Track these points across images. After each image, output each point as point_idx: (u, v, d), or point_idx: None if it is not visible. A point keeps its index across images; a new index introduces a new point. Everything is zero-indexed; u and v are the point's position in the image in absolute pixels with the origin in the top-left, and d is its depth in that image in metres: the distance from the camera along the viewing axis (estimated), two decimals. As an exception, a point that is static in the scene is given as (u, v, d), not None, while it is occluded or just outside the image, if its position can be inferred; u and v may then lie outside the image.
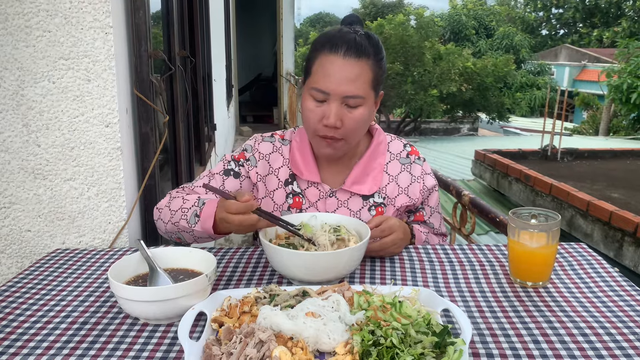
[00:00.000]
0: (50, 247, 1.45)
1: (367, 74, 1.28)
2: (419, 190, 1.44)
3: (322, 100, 1.28)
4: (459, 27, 22.83)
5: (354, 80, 1.26)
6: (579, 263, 1.30)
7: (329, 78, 1.26)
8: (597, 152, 7.47)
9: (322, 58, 1.29)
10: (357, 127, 1.31)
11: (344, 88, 1.26)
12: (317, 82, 1.28)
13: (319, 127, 1.30)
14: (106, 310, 1.09)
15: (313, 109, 1.30)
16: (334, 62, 1.27)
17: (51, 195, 1.41)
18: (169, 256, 1.18)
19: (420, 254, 1.35)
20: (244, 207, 1.14)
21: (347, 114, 1.28)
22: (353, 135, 1.33)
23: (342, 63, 1.26)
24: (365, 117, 1.31)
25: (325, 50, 1.29)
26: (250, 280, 1.22)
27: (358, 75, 1.27)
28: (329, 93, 1.27)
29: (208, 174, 1.44)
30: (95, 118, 1.38)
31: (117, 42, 1.40)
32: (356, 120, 1.29)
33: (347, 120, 1.28)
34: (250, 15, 11.40)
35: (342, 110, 1.28)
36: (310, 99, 1.30)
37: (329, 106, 1.27)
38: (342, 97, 1.27)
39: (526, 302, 1.11)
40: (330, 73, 1.26)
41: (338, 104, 1.27)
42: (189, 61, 2.84)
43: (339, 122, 1.27)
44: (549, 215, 1.21)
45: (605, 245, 4.32)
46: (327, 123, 1.27)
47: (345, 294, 1.05)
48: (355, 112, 1.29)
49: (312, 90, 1.29)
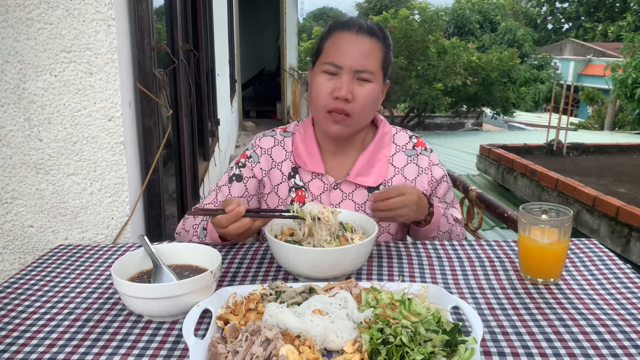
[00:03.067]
0: (53, 243, 1.44)
1: (378, 52, 1.31)
2: (427, 182, 1.42)
3: (334, 74, 1.30)
4: (463, 22, 22.70)
5: (366, 55, 1.29)
6: (590, 259, 1.28)
7: (342, 51, 1.29)
8: (603, 147, 7.42)
9: (334, 36, 1.33)
10: (367, 104, 1.31)
11: (357, 62, 1.28)
12: (330, 56, 1.31)
13: (329, 101, 1.30)
14: (110, 307, 1.07)
15: (324, 83, 1.31)
16: (347, 38, 1.31)
17: (53, 191, 1.40)
18: (173, 252, 1.16)
19: (428, 250, 1.33)
20: (231, 217, 1.15)
21: (358, 88, 1.30)
22: (361, 113, 1.32)
23: (355, 39, 1.30)
24: (375, 95, 1.32)
25: (337, 29, 1.33)
26: (256, 277, 1.20)
27: (370, 51, 1.30)
28: (342, 66, 1.29)
29: (215, 187, 1.45)
30: (97, 112, 1.36)
31: (120, 34, 1.38)
32: (367, 96, 1.30)
33: (358, 94, 1.29)
34: (253, 10, 11.35)
35: (353, 84, 1.29)
36: (321, 75, 1.32)
37: (340, 79, 1.29)
38: (355, 70, 1.29)
39: (537, 299, 1.09)
40: (343, 47, 1.30)
41: (350, 77, 1.29)
42: (192, 55, 2.82)
43: (350, 95, 1.28)
44: (560, 210, 1.19)
45: (612, 240, 4.28)
46: (339, 94, 1.28)
47: (352, 291, 1.03)
48: (367, 87, 1.30)
49: (325, 64, 1.31)
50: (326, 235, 1.18)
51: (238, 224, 1.16)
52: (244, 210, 1.15)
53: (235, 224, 1.16)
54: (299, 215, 1.19)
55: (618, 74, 11.27)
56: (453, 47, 14.14)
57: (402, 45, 13.72)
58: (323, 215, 1.17)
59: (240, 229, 1.16)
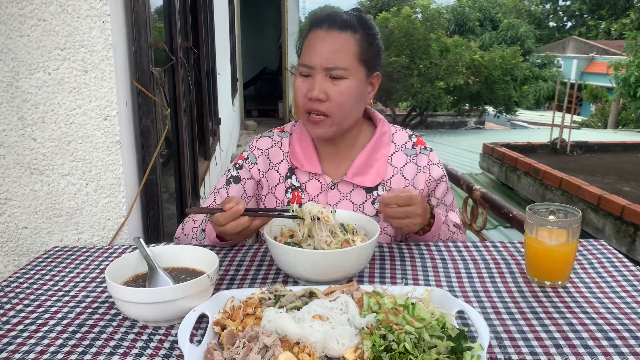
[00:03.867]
0: (48, 245, 1.41)
1: (351, 46, 1.26)
2: (425, 181, 1.38)
3: (308, 75, 1.27)
4: (464, 19, 22.63)
5: (336, 52, 1.24)
6: (599, 261, 1.24)
7: (312, 51, 1.26)
8: (608, 145, 7.36)
9: (308, 36, 1.30)
10: (344, 102, 1.26)
11: (326, 59, 1.25)
12: (303, 57, 1.28)
13: (305, 102, 1.28)
14: (104, 311, 1.04)
15: (299, 85, 1.29)
16: (318, 36, 1.28)
17: (48, 191, 1.37)
18: (169, 254, 1.12)
19: (432, 252, 1.29)
20: (230, 215, 1.12)
21: (332, 87, 1.26)
22: (340, 111, 1.27)
23: (325, 36, 1.26)
24: (351, 91, 1.27)
25: (312, 27, 1.30)
26: (255, 280, 1.17)
27: (340, 46, 1.25)
28: (313, 66, 1.26)
29: (214, 190, 1.43)
30: (92, 111, 1.33)
31: (116, 31, 1.34)
32: (341, 93, 1.25)
33: (332, 94, 1.25)
34: (255, 9, 11.31)
35: (326, 83, 1.26)
36: (298, 77, 1.30)
37: (313, 79, 1.26)
38: (324, 69, 1.25)
39: (545, 303, 1.06)
40: (314, 46, 1.27)
41: (322, 77, 1.25)
42: (192, 53, 2.78)
43: (322, 95, 1.25)
44: (568, 211, 1.15)
45: (617, 240, 4.24)
46: (311, 95, 1.25)
47: (354, 295, 1.00)
48: (340, 85, 1.26)
49: (299, 67, 1.29)
50: (326, 236, 1.14)
51: (236, 222, 1.12)
52: (242, 208, 1.12)
53: (233, 223, 1.12)
54: (298, 215, 1.15)
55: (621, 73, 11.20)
56: (455, 46, 14.11)
57: (404, 44, 13.68)
58: (323, 215, 1.14)
59: (239, 227, 1.13)
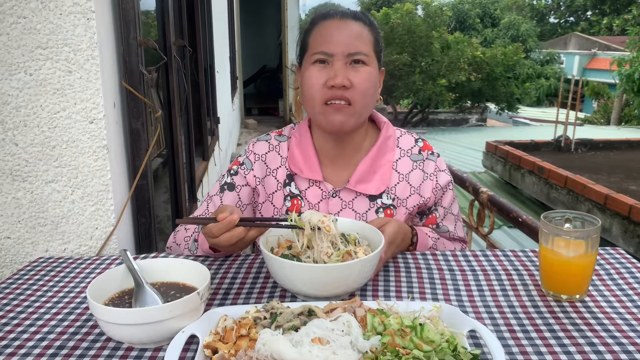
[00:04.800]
0: (32, 255, 1.33)
1: (367, 34, 1.22)
2: (431, 189, 1.30)
3: (325, 62, 1.20)
4: (464, 16, 22.50)
5: (357, 37, 1.20)
6: (618, 271, 1.16)
7: (329, 39, 1.19)
8: (613, 143, 7.27)
9: (318, 27, 1.23)
10: (366, 89, 1.20)
11: (348, 45, 1.19)
12: (318, 47, 1.21)
13: (325, 91, 1.19)
14: (87, 331, 0.96)
15: (316, 75, 1.20)
16: (332, 25, 1.21)
17: (32, 199, 1.29)
18: (158, 269, 1.05)
19: (439, 262, 1.21)
20: (224, 226, 1.03)
21: (354, 73, 1.19)
22: (363, 100, 1.20)
23: (340, 23, 1.21)
24: (373, 79, 1.22)
25: (320, 20, 1.23)
26: (250, 294, 1.09)
27: (359, 33, 1.21)
28: (332, 53, 1.19)
29: (207, 197, 1.35)
30: (78, 114, 1.25)
31: (102, 29, 1.27)
32: (365, 80, 1.19)
33: (355, 80, 1.19)
34: (255, 7, 11.21)
35: (347, 70, 1.19)
36: (311, 68, 1.21)
37: (333, 67, 1.19)
38: (347, 54, 1.19)
39: (562, 319, 0.98)
40: (330, 35, 1.20)
41: (343, 63, 1.19)
42: (187, 51, 2.70)
43: (346, 81, 1.17)
44: (586, 219, 1.07)
45: (624, 240, 4.16)
46: (334, 83, 1.17)
47: (356, 312, 0.92)
48: (363, 70, 1.20)
49: (314, 56, 1.20)
50: (326, 247, 1.06)
51: (230, 233, 1.04)
52: (237, 218, 1.04)
53: (227, 234, 1.04)
54: (297, 225, 1.07)
55: (625, 69, 11.12)
56: (457, 42, 14.01)
57: (406, 41, 13.59)
58: (323, 225, 1.06)
59: (233, 238, 1.05)
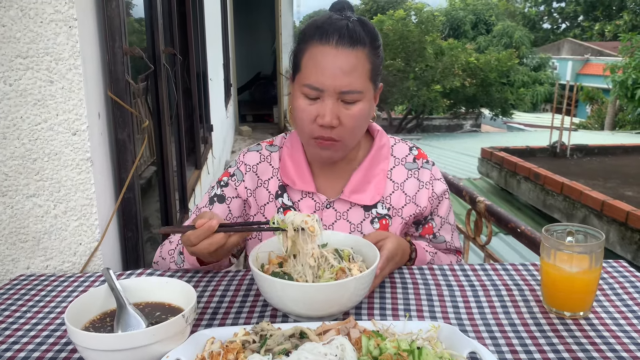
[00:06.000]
0: (13, 273, 1.28)
1: (363, 65, 1.12)
2: (427, 198, 1.26)
3: (315, 98, 1.12)
4: (457, 23, 22.60)
5: (350, 73, 1.10)
6: (622, 286, 1.12)
7: (321, 72, 1.10)
8: (608, 148, 7.27)
9: (311, 50, 1.13)
10: (356, 126, 1.15)
11: (339, 82, 1.10)
12: (309, 77, 1.12)
13: (314, 127, 1.13)
14: (66, 356, 0.91)
15: (305, 108, 1.13)
16: (325, 54, 1.11)
17: (12, 214, 1.24)
18: (142, 288, 1.00)
19: (437, 277, 1.17)
20: (202, 232, 0.99)
21: (344, 111, 1.12)
22: (352, 136, 1.16)
23: (335, 54, 1.10)
24: (364, 114, 1.15)
25: (314, 40, 1.13)
26: (239, 314, 1.04)
27: (354, 67, 1.11)
28: (323, 89, 1.11)
29: (195, 209, 1.30)
30: (60, 125, 1.20)
31: (85, 37, 1.22)
32: (354, 118, 1.13)
33: (345, 118, 1.12)
34: (248, 13, 11.21)
35: (338, 108, 1.12)
36: (301, 98, 1.14)
37: (323, 104, 1.11)
38: (338, 92, 1.11)
39: (566, 337, 0.94)
40: (322, 66, 1.10)
41: (333, 101, 1.11)
42: (177, 59, 2.66)
43: (335, 121, 1.11)
44: (589, 232, 1.03)
45: (622, 247, 4.13)
46: (323, 122, 1.11)
47: (351, 334, 0.87)
48: (353, 109, 1.13)
49: (304, 87, 1.13)
50: (311, 249, 1.01)
51: (210, 240, 1.00)
52: (216, 224, 0.99)
53: (206, 241, 1.00)
54: (280, 227, 1.02)
55: (618, 75, 11.15)
56: (451, 49, 14.06)
57: (399, 47, 13.63)
58: (307, 225, 1.01)
59: (213, 245, 1.00)
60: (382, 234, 1.14)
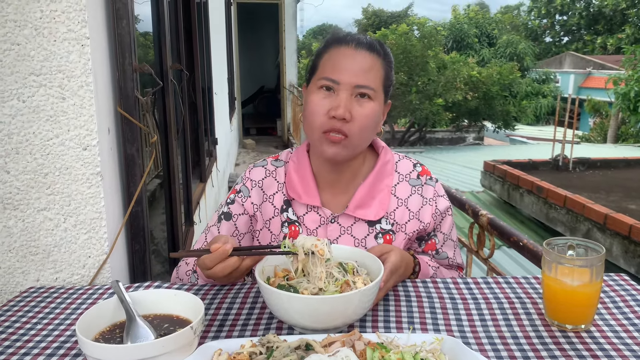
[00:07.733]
0: (23, 285, 1.30)
1: (378, 69, 1.20)
2: (431, 214, 1.28)
3: (331, 90, 1.18)
4: (461, 36, 22.75)
5: (367, 71, 1.18)
6: (623, 299, 1.13)
7: (339, 66, 1.17)
8: (610, 162, 7.27)
9: (331, 52, 1.21)
10: (366, 125, 1.18)
11: (356, 77, 1.16)
12: (326, 72, 1.18)
13: (325, 120, 1.17)
14: (76, 366, 0.93)
15: (319, 102, 1.18)
16: (345, 53, 1.19)
17: (23, 227, 1.26)
18: (151, 300, 1.02)
19: (440, 290, 1.19)
20: (217, 256, 1.02)
21: (357, 107, 1.17)
22: (360, 135, 1.19)
23: (354, 53, 1.18)
24: (375, 115, 1.19)
25: (334, 44, 1.21)
26: (246, 326, 1.06)
27: (370, 67, 1.18)
28: (339, 82, 1.16)
29: (205, 229, 1.34)
30: (71, 140, 1.24)
31: (97, 55, 1.26)
32: (365, 115, 1.17)
33: (356, 114, 1.16)
34: (252, 28, 11.34)
35: (351, 103, 1.17)
36: (316, 92, 1.19)
37: (337, 97, 1.16)
38: (353, 86, 1.16)
39: (568, 350, 0.95)
40: (341, 62, 1.17)
41: (348, 95, 1.16)
42: (184, 75, 2.70)
43: (347, 114, 1.15)
44: (589, 246, 1.05)
45: (625, 260, 4.12)
46: (336, 114, 1.15)
47: (356, 346, 0.89)
48: (366, 106, 1.17)
49: (321, 80, 1.18)
50: (320, 272, 1.03)
51: (224, 264, 1.03)
52: (230, 248, 1.02)
53: (221, 265, 1.03)
54: (291, 251, 1.05)
55: (620, 87, 11.19)
56: (453, 62, 14.16)
57: (402, 61, 13.72)
58: (317, 249, 1.04)
59: (227, 269, 1.03)
60: (386, 247, 1.16)
